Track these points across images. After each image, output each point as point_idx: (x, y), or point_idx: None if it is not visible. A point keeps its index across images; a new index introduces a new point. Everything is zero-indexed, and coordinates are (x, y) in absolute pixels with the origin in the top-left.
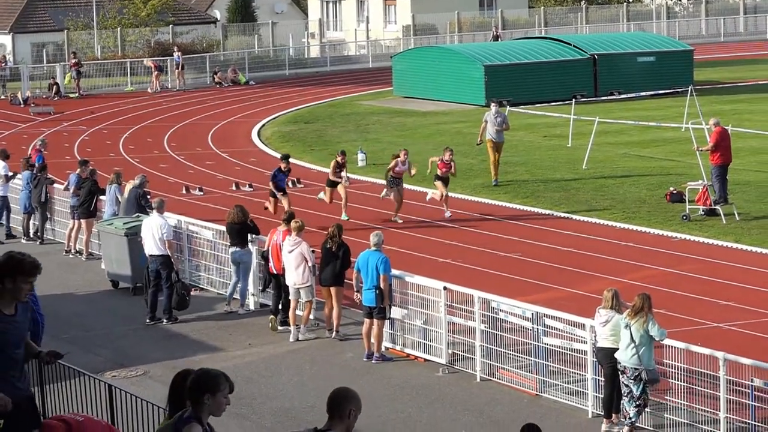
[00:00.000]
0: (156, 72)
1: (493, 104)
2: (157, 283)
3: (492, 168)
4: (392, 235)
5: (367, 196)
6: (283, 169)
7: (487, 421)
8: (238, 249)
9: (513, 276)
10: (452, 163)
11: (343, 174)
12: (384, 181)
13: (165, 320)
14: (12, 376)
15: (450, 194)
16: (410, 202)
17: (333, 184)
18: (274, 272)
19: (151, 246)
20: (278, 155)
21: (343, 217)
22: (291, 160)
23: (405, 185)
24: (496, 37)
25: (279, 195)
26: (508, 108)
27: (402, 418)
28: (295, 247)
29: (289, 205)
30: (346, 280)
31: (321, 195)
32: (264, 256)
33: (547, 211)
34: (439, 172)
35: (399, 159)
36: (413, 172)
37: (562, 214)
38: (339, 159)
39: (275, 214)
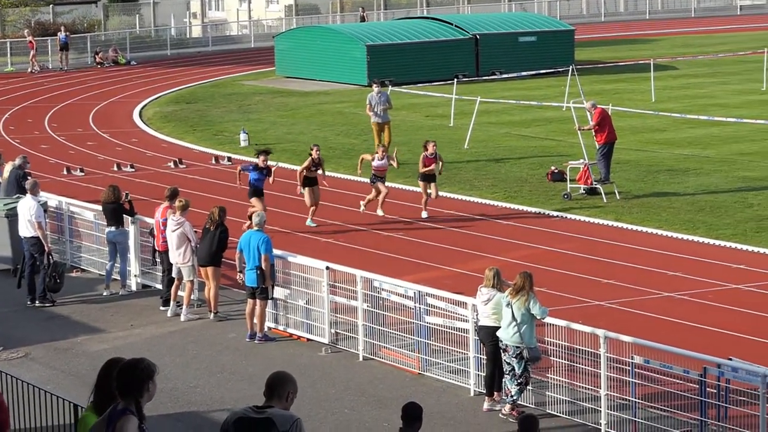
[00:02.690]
0: (33, 52)
1: (375, 85)
2: (32, 264)
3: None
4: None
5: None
6: (260, 165)
7: (369, 400)
8: (113, 229)
9: (395, 255)
10: (437, 158)
11: (320, 172)
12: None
13: (38, 303)
14: None
15: (336, 175)
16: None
17: (309, 183)
18: (158, 249)
19: (23, 228)
20: (158, 135)
21: (309, 223)
22: (174, 140)
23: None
24: (362, 19)
25: (253, 200)
26: (390, 88)
27: None
28: (178, 226)
29: (261, 208)
30: (228, 261)
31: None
32: (152, 233)
33: (429, 191)
34: (421, 169)
35: (377, 155)
36: (395, 161)
37: (444, 194)
38: (314, 154)
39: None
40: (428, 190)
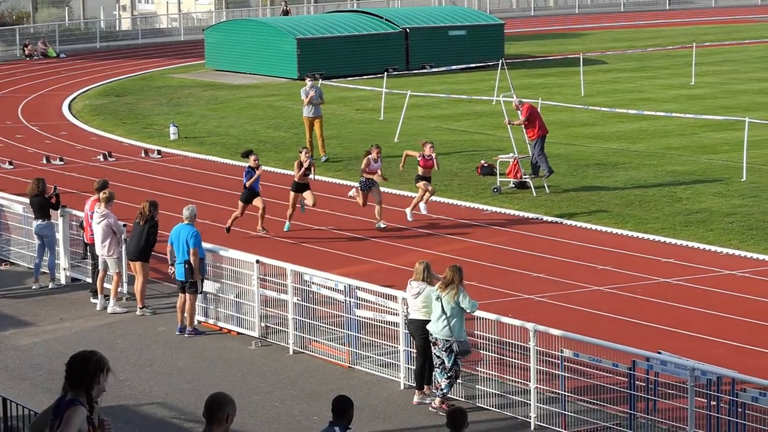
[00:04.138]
0: None
1: (308, 79)
2: None
3: (308, 146)
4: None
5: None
6: (252, 166)
7: (300, 394)
8: (40, 222)
9: (325, 249)
10: (434, 158)
11: (310, 176)
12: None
13: None
14: None
15: (268, 169)
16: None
17: (298, 188)
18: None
19: None
20: (88, 128)
21: (296, 212)
22: (103, 133)
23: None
24: (285, 12)
25: (241, 205)
26: (320, 81)
27: (214, 390)
28: (102, 218)
29: (264, 209)
30: (159, 254)
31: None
32: (81, 226)
33: (359, 184)
34: (420, 171)
35: (371, 156)
36: (380, 175)
37: None
38: (302, 158)
39: (241, 216)
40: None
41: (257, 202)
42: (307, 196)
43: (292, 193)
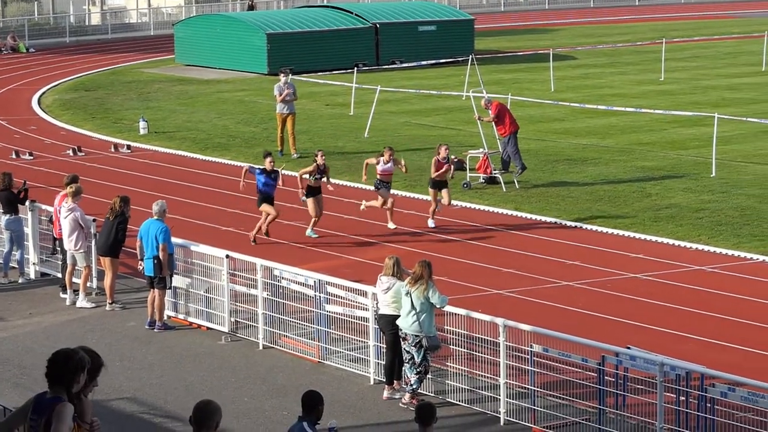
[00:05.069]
0: None
1: (282, 75)
2: None
3: (279, 141)
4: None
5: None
6: (267, 169)
7: (269, 389)
8: (8, 217)
9: (295, 244)
10: (450, 163)
11: (324, 180)
12: (368, 187)
13: None
14: None
15: (339, 182)
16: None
17: (313, 192)
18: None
19: None
20: (57, 123)
21: (309, 233)
22: (73, 128)
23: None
24: (251, 7)
25: (264, 206)
26: (290, 76)
27: (184, 386)
28: (69, 212)
29: (270, 220)
30: (131, 250)
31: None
32: (51, 221)
33: (439, 197)
34: (433, 174)
35: (382, 158)
36: (403, 166)
37: (344, 183)
38: (319, 160)
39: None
40: (437, 197)
41: (269, 209)
42: (317, 200)
43: (310, 198)
